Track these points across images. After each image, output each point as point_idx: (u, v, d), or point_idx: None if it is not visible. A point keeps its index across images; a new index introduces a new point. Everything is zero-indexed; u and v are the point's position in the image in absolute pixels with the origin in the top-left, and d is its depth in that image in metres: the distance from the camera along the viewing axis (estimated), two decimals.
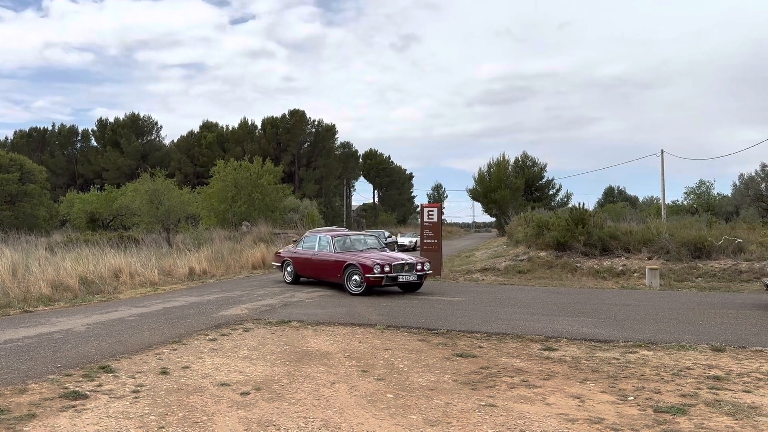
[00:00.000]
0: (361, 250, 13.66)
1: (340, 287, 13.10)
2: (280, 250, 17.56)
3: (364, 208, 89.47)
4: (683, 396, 5.24)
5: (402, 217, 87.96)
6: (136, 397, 5.17)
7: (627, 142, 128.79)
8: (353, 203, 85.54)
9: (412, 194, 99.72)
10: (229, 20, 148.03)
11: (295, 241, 19.60)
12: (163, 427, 4.45)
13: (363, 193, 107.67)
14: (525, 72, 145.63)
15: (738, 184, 41.72)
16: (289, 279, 14.68)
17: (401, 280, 12.42)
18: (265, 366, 6.39)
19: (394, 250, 28.82)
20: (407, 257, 13.11)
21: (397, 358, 6.77)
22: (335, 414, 4.80)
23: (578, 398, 5.22)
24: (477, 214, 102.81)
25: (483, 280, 16.08)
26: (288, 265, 14.74)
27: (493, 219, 71.03)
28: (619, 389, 5.49)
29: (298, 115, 69.71)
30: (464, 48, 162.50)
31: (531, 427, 4.51)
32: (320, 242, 14.15)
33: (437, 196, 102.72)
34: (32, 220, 37.06)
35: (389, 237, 32.32)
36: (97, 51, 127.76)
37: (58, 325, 8.67)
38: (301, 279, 14.66)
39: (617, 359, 6.68)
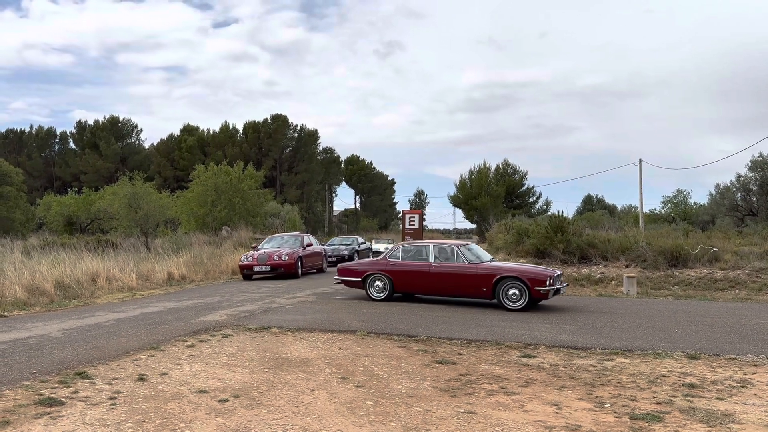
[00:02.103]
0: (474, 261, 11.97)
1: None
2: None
3: (346, 213, 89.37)
4: (659, 403, 5.32)
5: (384, 222, 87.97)
6: (112, 404, 5.11)
7: (606, 150, 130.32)
8: (335, 209, 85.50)
9: (394, 200, 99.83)
10: (212, 24, 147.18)
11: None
12: None
13: (345, 198, 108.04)
14: (506, 80, 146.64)
15: (714, 193, 42.41)
16: (379, 296, 12.44)
17: (561, 290, 11.80)
18: (244, 373, 6.35)
19: (368, 257, 28.73)
20: (549, 268, 12.81)
21: (377, 365, 6.77)
22: (314, 421, 4.80)
23: (556, 405, 5.27)
24: (458, 220, 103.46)
25: None
26: (377, 280, 12.51)
27: (474, 226, 71.44)
28: (596, 396, 5.56)
29: (280, 120, 69.53)
30: (446, 55, 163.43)
31: None
32: (440, 252, 12.18)
33: (419, 203, 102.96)
34: (8, 223, 36.46)
35: (363, 243, 30.17)
36: (77, 52, 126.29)
37: (33, 330, 8.54)
38: (395, 295, 12.64)
39: (594, 366, 6.75)
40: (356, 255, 26.19)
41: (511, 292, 11.16)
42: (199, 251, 21.55)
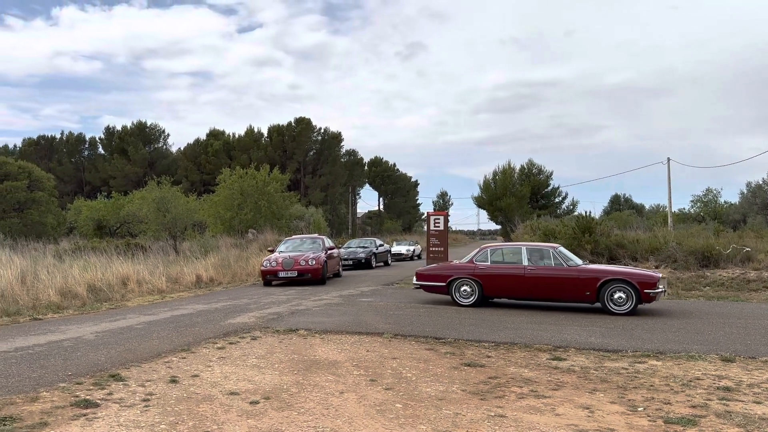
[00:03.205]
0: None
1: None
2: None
3: (370, 215, 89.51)
4: (693, 407, 5.22)
5: (408, 224, 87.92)
6: (146, 406, 5.19)
7: (633, 149, 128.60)
8: (359, 210, 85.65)
9: (418, 201, 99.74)
10: (237, 29, 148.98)
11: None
12: None
13: (368, 200, 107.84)
14: (530, 80, 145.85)
15: (745, 192, 41.53)
16: (467, 301, 11.77)
17: (665, 293, 11.34)
18: (273, 375, 6.40)
19: (387, 261, 28.25)
20: (650, 270, 12.27)
21: (405, 368, 6.77)
22: (344, 424, 4.81)
23: (587, 409, 5.21)
24: (482, 221, 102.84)
25: None
26: (464, 284, 11.86)
27: (498, 227, 70.98)
28: (629, 400, 5.48)
29: (304, 123, 69.91)
30: (469, 56, 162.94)
31: None
32: (534, 254, 11.64)
33: (443, 204, 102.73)
34: (40, 228, 37.27)
35: (381, 246, 28.22)
36: (106, 59, 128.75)
37: (67, 333, 8.71)
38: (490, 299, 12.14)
39: (626, 369, 6.66)
40: (373, 258, 25.44)
41: (617, 295, 10.70)
42: (226, 254, 21.80)
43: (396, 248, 34.68)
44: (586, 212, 18.67)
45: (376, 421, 4.88)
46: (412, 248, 35.09)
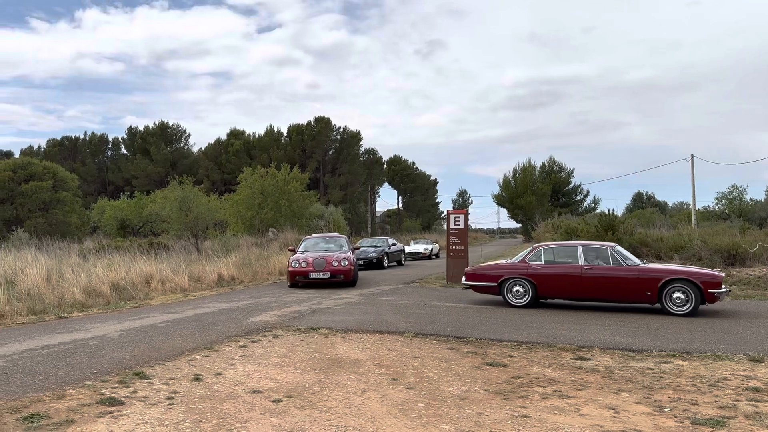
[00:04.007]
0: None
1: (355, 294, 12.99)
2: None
3: (389, 214, 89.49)
4: (721, 408, 5.12)
5: (427, 223, 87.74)
6: (170, 404, 5.23)
7: (655, 146, 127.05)
8: (378, 209, 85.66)
9: (437, 200, 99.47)
10: (256, 29, 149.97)
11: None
12: None
13: (387, 199, 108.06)
14: (550, 77, 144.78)
15: None
16: (519, 302, 11.46)
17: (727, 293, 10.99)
18: (295, 373, 6.42)
19: (400, 260, 26.95)
20: (710, 269, 11.79)
21: (426, 367, 6.74)
22: (367, 423, 4.80)
23: (613, 409, 5.14)
24: (502, 219, 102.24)
25: None
26: (516, 285, 11.52)
27: (519, 225, 70.54)
28: (655, 400, 5.40)
29: (323, 122, 70.11)
30: (489, 54, 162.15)
31: None
32: (591, 254, 11.20)
33: (462, 202, 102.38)
34: (65, 227, 37.84)
35: (394, 245, 26.97)
36: (128, 60, 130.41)
37: (92, 331, 8.83)
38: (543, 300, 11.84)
39: (652, 369, 6.56)
40: (386, 258, 24.59)
41: (675, 295, 10.34)
42: (248, 253, 21.94)
43: (413, 247, 34.01)
44: (610, 210, 18.49)
45: (399, 421, 4.86)
46: (430, 247, 34.36)
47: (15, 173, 39.26)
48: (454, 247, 16.36)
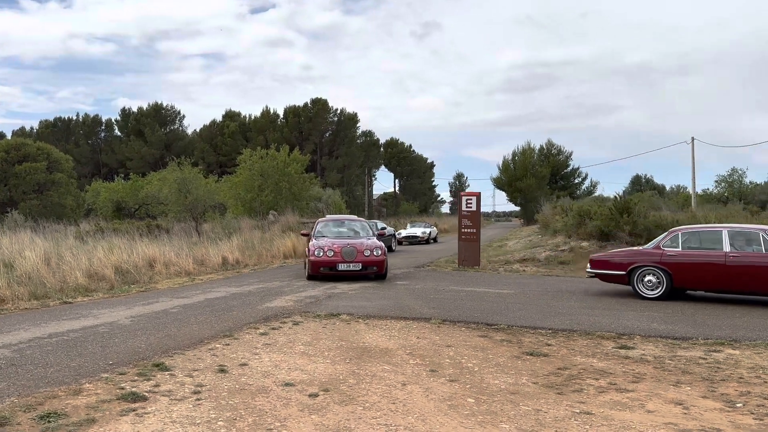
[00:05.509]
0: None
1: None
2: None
3: (385, 197, 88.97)
4: None
5: (424, 206, 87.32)
6: (198, 399, 4.79)
7: (651, 130, 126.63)
8: (374, 192, 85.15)
9: (434, 183, 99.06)
10: (249, 9, 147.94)
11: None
12: None
13: (384, 182, 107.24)
14: (546, 59, 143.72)
15: None
16: (652, 294, 10.19)
17: None
18: (325, 363, 5.98)
19: (391, 246, 24.34)
20: None
21: (463, 357, 6.33)
22: (417, 421, 4.37)
23: (680, 405, 4.73)
24: (498, 203, 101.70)
25: (524, 270, 15.57)
26: (648, 274, 10.28)
27: (517, 208, 70.24)
28: (722, 394, 4.99)
29: (320, 104, 69.30)
30: (485, 36, 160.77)
31: None
32: (739, 239, 9.89)
33: (459, 185, 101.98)
34: (60, 209, 37.11)
35: (383, 228, 22.65)
36: (119, 41, 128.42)
37: (101, 318, 8.35)
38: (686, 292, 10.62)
39: (704, 359, 6.17)
40: None
41: None
42: (250, 236, 21.45)
43: (410, 230, 32.72)
44: (618, 195, 18.11)
45: (452, 419, 4.44)
46: (428, 230, 33.07)
47: (8, 154, 38.40)
48: (465, 230, 15.91)
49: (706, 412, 4.58)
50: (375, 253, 13.25)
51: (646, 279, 10.32)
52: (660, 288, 10.16)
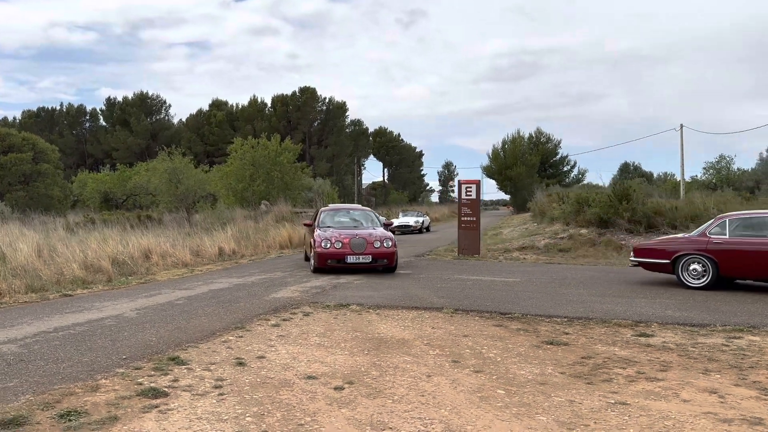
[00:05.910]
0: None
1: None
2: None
3: (374, 186, 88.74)
4: None
5: (413, 195, 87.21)
6: (220, 394, 4.62)
7: (637, 118, 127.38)
8: (363, 182, 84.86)
9: (422, 172, 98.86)
10: None
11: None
12: (266, 431, 3.91)
13: (373, 171, 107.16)
14: (532, 47, 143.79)
15: (766, 156, 40.85)
16: (697, 283, 9.79)
17: None
18: (344, 355, 5.84)
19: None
20: None
21: (482, 346, 6.21)
22: (451, 414, 4.25)
23: (715, 393, 4.65)
24: (487, 192, 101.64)
25: (525, 258, 15.51)
26: (693, 262, 9.88)
27: (506, 197, 70.31)
28: (754, 382, 4.92)
29: (309, 93, 68.76)
30: (472, 24, 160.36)
31: (684, 430, 3.94)
32: None
33: (448, 174, 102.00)
34: (47, 200, 36.57)
35: (389, 221, 21.16)
36: (101, 30, 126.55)
37: (105, 311, 8.13)
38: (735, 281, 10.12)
39: (727, 346, 6.10)
40: None
41: None
42: (244, 226, 21.20)
43: (402, 219, 31.97)
44: (620, 182, 18.03)
45: (486, 411, 4.31)
46: (421, 220, 32.56)
47: None
48: (465, 218, 15.80)
49: (743, 400, 4.49)
50: (385, 244, 12.52)
51: (691, 267, 9.93)
52: (706, 277, 9.77)
